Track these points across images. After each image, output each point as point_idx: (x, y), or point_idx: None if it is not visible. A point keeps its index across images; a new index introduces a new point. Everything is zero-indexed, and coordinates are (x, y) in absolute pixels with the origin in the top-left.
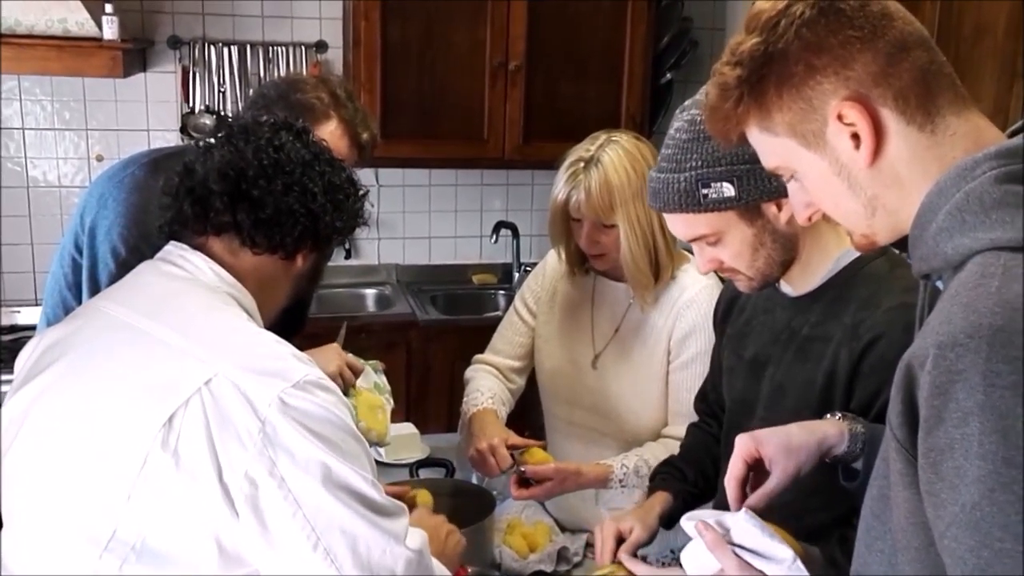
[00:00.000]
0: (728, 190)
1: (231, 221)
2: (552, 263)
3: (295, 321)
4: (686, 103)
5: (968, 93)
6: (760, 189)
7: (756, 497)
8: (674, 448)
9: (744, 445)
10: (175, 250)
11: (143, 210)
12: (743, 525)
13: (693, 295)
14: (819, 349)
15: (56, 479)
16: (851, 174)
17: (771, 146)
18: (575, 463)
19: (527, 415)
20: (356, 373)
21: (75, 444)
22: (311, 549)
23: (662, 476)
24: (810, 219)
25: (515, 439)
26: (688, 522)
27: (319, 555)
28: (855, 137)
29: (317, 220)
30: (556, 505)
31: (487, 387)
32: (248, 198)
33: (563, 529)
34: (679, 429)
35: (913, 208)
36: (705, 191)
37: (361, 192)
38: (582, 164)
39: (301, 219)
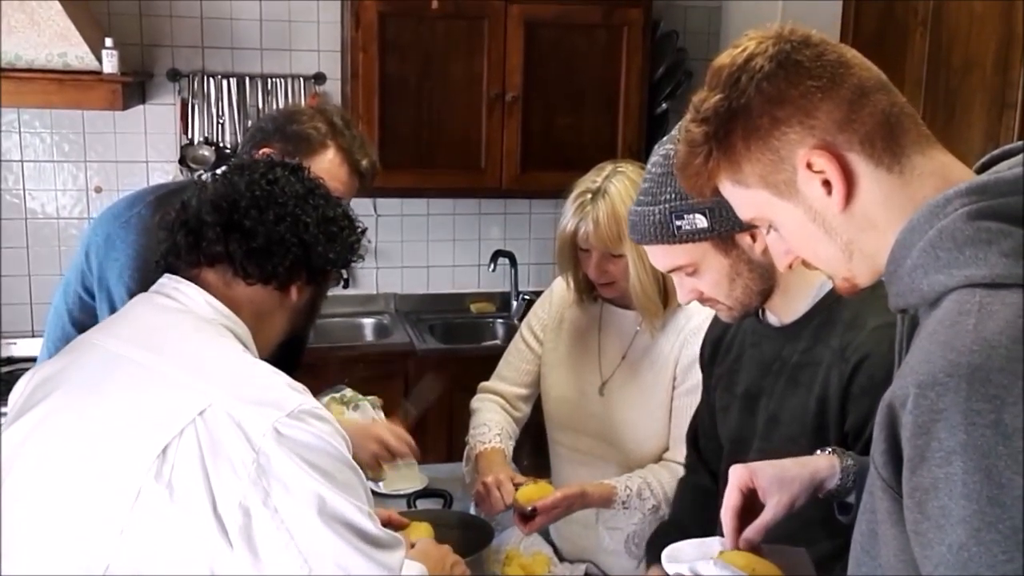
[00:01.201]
0: (701, 222)
1: (223, 251)
2: (559, 291)
3: (292, 356)
4: (664, 139)
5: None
6: (732, 220)
7: (752, 530)
8: (676, 471)
9: (739, 475)
10: (169, 282)
11: (152, 251)
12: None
13: (700, 322)
14: (809, 375)
15: (50, 513)
16: (825, 220)
17: (745, 198)
18: (578, 485)
19: (531, 442)
20: (395, 454)
21: (69, 477)
22: None
23: (655, 550)
24: (790, 266)
25: (520, 479)
26: (669, 564)
27: None
28: (826, 184)
29: (309, 250)
30: (558, 534)
31: (495, 422)
32: (240, 228)
33: (562, 559)
34: (680, 454)
35: (886, 243)
36: (679, 223)
37: (359, 228)
38: (589, 195)
39: (293, 248)
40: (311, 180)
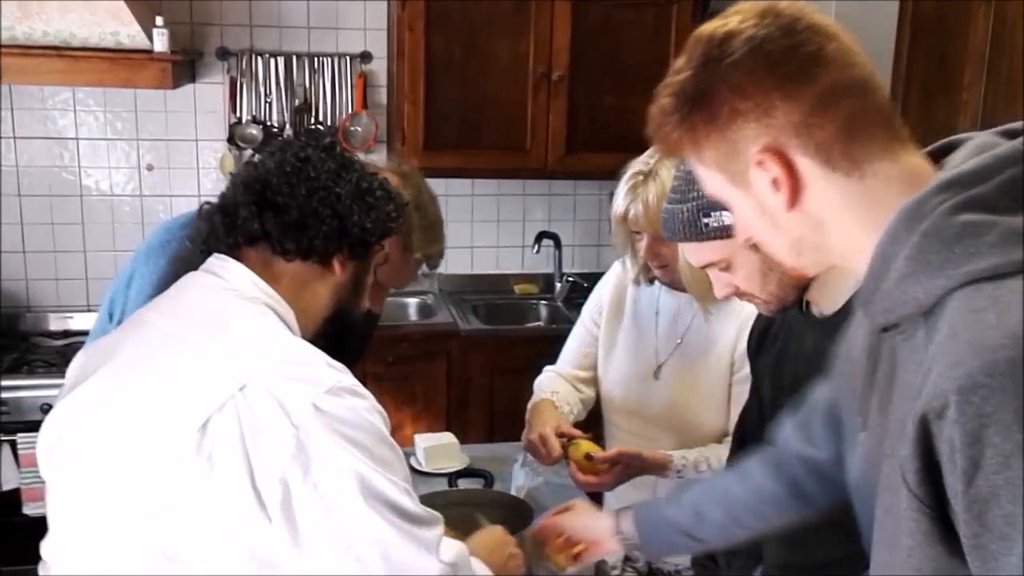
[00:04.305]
0: (728, 219)
1: (259, 228)
2: (617, 273)
3: (347, 336)
4: None
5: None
6: None
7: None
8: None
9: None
10: (215, 261)
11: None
12: None
13: None
14: None
15: (95, 484)
16: (774, 216)
17: (704, 176)
18: (636, 448)
19: (590, 426)
20: None
21: (113, 450)
22: (342, 555)
23: (698, 568)
24: (747, 240)
25: (566, 427)
26: None
27: (350, 561)
28: (775, 182)
29: (344, 220)
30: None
31: (549, 387)
32: (273, 205)
33: None
34: None
35: (839, 243)
36: (706, 220)
37: (398, 200)
38: (641, 177)
39: (327, 220)
40: (344, 156)
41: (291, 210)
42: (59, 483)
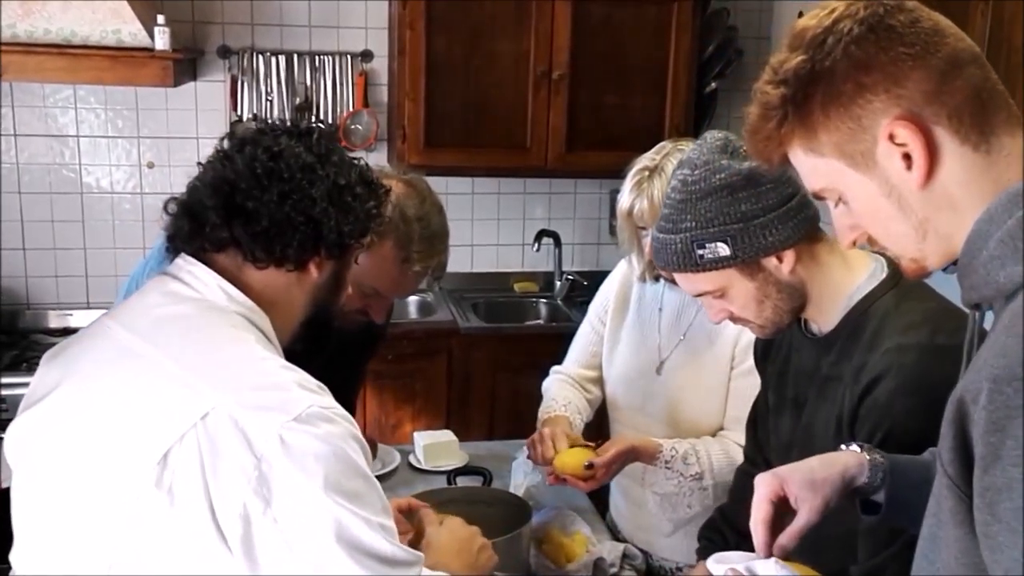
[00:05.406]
0: (723, 249)
1: (228, 236)
2: (623, 271)
3: (325, 336)
4: (681, 160)
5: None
6: (756, 246)
7: (787, 536)
8: (728, 445)
9: (767, 484)
10: (184, 264)
11: None
12: (773, 574)
13: None
14: (834, 389)
15: (53, 516)
16: (901, 196)
17: (816, 167)
18: (629, 441)
19: (596, 423)
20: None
21: (71, 481)
22: None
23: (704, 543)
24: (854, 243)
25: (575, 437)
26: (716, 565)
27: None
28: (907, 158)
29: (319, 226)
30: (617, 512)
31: (563, 396)
32: (242, 212)
33: (614, 536)
34: (736, 435)
35: (967, 232)
36: (700, 252)
37: (380, 190)
38: (647, 173)
39: (300, 227)
40: (323, 146)
41: (261, 217)
42: (22, 500)
